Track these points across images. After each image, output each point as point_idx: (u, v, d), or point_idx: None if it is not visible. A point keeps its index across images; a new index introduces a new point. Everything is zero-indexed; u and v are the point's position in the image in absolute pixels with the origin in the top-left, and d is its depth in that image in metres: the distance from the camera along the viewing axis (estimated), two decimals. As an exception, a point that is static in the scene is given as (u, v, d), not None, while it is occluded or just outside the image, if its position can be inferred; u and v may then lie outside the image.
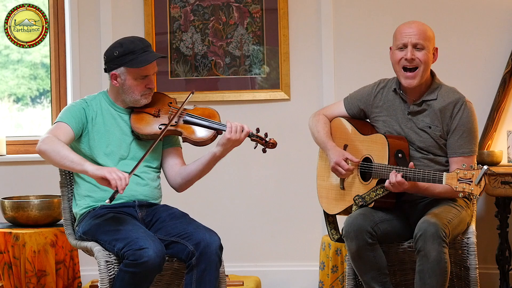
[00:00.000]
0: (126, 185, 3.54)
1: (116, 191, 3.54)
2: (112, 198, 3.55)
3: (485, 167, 3.55)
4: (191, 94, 3.87)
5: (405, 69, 3.91)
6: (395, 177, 3.76)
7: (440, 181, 3.66)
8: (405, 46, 3.89)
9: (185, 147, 3.99)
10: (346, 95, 4.21)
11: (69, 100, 5.34)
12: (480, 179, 3.55)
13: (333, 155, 3.99)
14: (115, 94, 3.88)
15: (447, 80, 4.06)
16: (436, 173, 3.68)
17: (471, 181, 3.57)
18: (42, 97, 5.65)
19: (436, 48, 3.96)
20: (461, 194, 3.59)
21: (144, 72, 3.81)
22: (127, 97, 3.85)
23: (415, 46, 3.88)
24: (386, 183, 3.78)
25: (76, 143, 3.82)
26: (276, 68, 5.34)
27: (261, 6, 5.34)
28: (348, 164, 3.95)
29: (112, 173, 3.54)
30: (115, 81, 3.83)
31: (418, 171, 3.73)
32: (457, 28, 5.23)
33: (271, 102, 5.36)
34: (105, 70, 3.87)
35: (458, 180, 3.60)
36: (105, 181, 3.56)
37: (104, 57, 3.86)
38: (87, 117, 3.83)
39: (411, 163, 3.79)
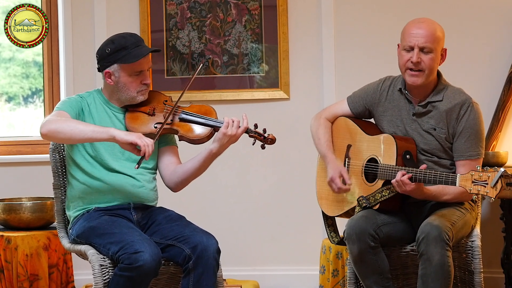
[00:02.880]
0: (152, 151, 3.63)
1: (143, 157, 3.61)
2: (139, 164, 3.65)
3: (502, 169, 3.54)
4: (202, 65, 3.88)
5: (410, 69, 3.89)
6: (401, 175, 3.75)
7: (454, 183, 3.64)
8: (411, 48, 3.86)
9: (182, 146, 3.99)
10: (347, 94, 4.20)
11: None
12: (497, 182, 3.53)
13: (330, 169, 4.00)
14: (110, 93, 3.88)
15: (451, 80, 4.05)
16: (449, 174, 3.67)
17: (487, 183, 3.56)
18: (35, 96, 5.64)
19: (445, 49, 3.94)
20: (475, 197, 3.58)
21: (138, 67, 3.80)
22: (123, 95, 3.84)
23: (422, 49, 3.86)
24: (393, 180, 3.77)
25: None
26: (275, 66, 5.34)
27: (260, 3, 5.34)
28: (341, 183, 3.95)
29: (142, 139, 3.61)
30: (109, 80, 3.83)
31: (430, 172, 3.72)
32: (460, 26, 5.23)
33: (270, 102, 5.36)
34: (99, 70, 3.87)
35: (473, 182, 3.59)
36: (131, 146, 3.62)
37: (97, 56, 3.85)
38: (84, 111, 3.84)
39: (424, 165, 3.76)
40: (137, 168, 3.65)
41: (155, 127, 3.82)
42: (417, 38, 3.85)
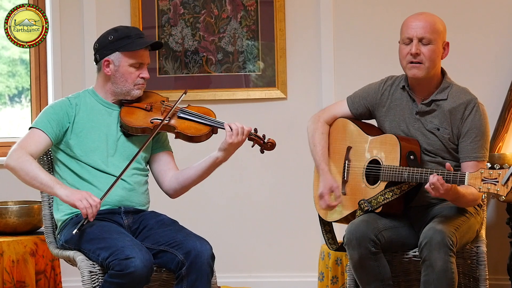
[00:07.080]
0: (97, 211, 3.63)
1: (86, 219, 3.62)
2: (80, 228, 3.65)
3: None
4: (183, 94, 3.88)
5: (410, 62, 3.91)
6: (436, 178, 3.67)
7: (462, 181, 3.64)
8: (410, 40, 3.89)
9: (176, 148, 3.99)
10: (347, 93, 4.21)
11: (50, 99, 5.33)
12: (508, 179, 3.52)
13: (321, 182, 4.03)
14: (105, 87, 3.88)
15: (455, 78, 4.06)
16: (457, 173, 3.66)
17: (497, 181, 3.55)
18: (21, 95, 5.64)
19: (447, 43, 3.96)
20: (484, 196, 3.57)
21: (140, 58, 3.83)
22: (119, 87, 3.85)
23: (420, 40, 3.88)
24: (426, 185, 3.74)
25: (62, 142, 3.82)
26: (272, 64, 5.34)
27: (256, -1, 5.34)
28: (330, 200, 3.97)
29: (83, 201, 3.61)
30: (107, 69, 3.83)
31: (436, 171, 3.71)
32: (466, 24, 5.24)
33: (267, 101, 5.36)
34: (96, 61, 3.87)
35: (482, 180, 3.58)
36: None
37: (96, 45, 3.87)
38: (69, 117, 3.83)
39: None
40: (75, 232, 3.65)
41: (152, 122, 3.82)
42: (415, 29, 3.88)
